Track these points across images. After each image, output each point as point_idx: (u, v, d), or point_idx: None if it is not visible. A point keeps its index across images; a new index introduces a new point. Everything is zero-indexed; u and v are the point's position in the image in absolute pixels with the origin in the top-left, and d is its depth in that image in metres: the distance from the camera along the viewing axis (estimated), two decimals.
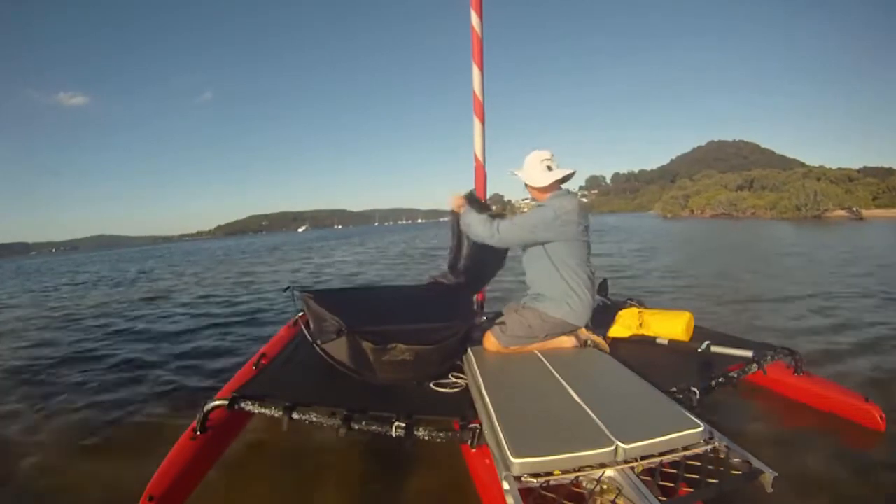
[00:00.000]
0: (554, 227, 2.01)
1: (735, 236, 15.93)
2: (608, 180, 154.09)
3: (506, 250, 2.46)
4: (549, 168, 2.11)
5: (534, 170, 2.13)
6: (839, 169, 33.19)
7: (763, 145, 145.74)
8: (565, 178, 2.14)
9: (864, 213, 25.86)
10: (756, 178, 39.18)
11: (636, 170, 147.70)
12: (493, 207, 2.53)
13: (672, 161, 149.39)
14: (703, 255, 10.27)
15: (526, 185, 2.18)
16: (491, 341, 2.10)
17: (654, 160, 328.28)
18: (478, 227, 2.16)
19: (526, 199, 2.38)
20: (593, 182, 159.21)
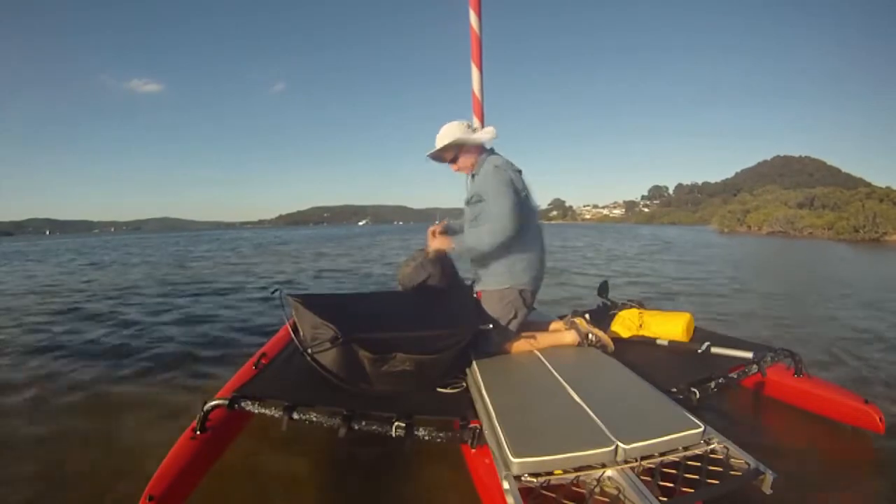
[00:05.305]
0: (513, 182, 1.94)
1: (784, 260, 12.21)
2: (671, 191, 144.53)
3: None
4: (475, 130, 2.11)
5: (471, 134, 2.07)
6: None
7: (829, 162, 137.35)
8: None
9: None
10: (817, 196, 37.02)
11: (700, 181, 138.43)
12: (442, 221, 2.39)
13: (736, 174, 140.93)
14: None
15: (460, 148, 2.05)
16: (513, 344, 2.07)
17: (719, 173, 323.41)
18: (475, 242, 1.99)
19: (587, 205, 2.35)
20: (655, 192, 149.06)
